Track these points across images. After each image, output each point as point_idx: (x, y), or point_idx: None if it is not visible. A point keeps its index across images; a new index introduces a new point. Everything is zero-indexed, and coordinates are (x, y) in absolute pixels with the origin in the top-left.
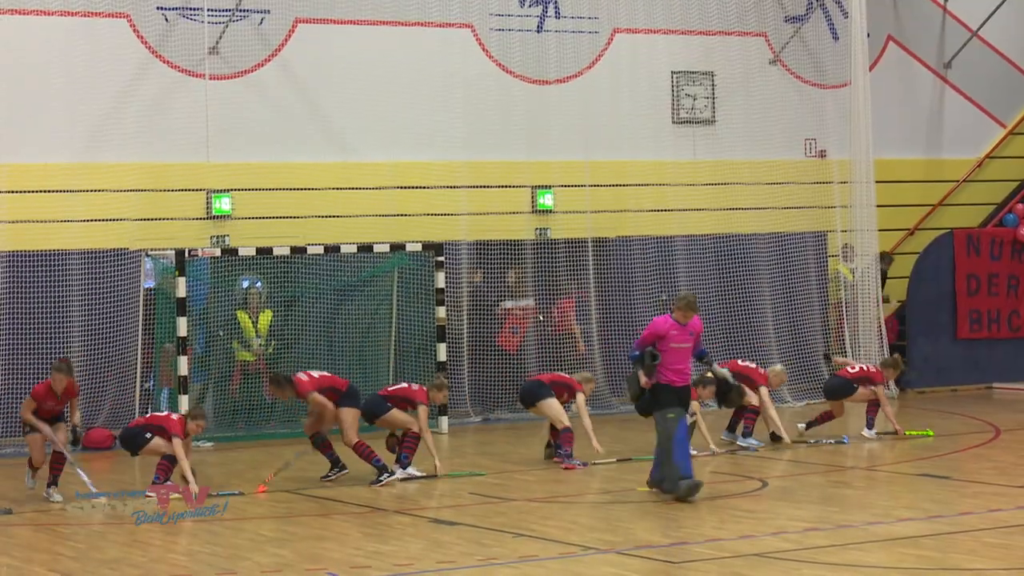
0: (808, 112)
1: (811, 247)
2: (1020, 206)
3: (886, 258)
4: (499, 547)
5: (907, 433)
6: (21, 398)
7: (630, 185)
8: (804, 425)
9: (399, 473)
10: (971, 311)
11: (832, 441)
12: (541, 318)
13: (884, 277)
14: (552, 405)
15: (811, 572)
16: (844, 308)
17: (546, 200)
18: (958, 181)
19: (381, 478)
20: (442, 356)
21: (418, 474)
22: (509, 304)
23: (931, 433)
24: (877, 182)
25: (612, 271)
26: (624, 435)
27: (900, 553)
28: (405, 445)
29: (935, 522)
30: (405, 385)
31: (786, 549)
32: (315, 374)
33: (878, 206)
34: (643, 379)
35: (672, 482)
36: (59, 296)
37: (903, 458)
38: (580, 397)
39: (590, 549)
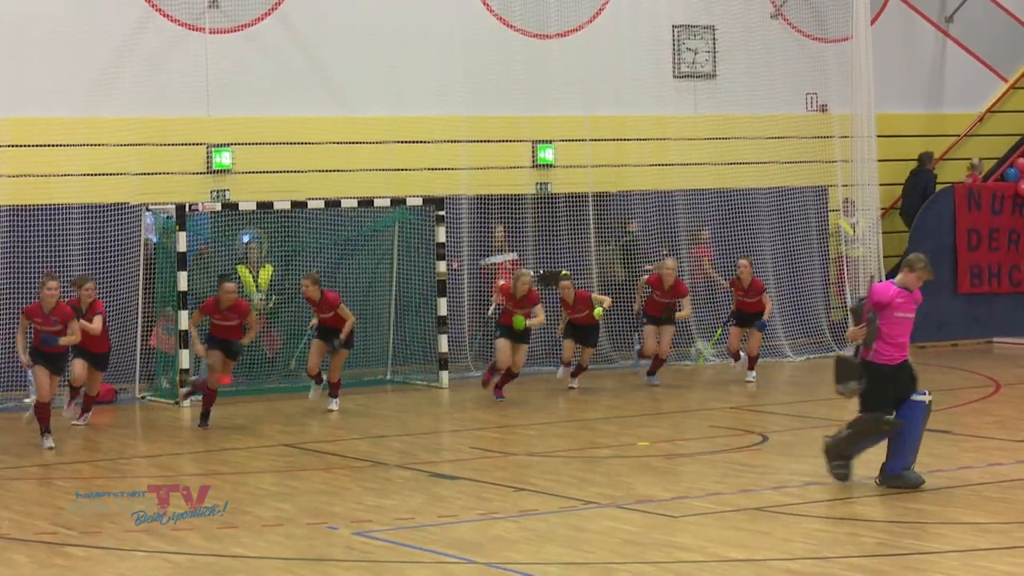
0: (809, 66)
1: (812, 202)
2: (1021, 160)
3: (929, 157)
4: (500, 501)
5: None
6: None
7: (631, 140)
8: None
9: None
10: (972, 266)
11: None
12: (542, 272)
13: (934, 180)
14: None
15: (811, 526)
16: (844, 263)
17: (547, 155)
18: (959, 135)
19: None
20: (443, 310)
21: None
22: (493, 259)
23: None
24: (878, 136)
25: (613, 226)
26: (623, 391)
27: (900, 507)
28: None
29: (935, 476)
30: None
31: (786, 503)
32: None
33: (879, 160)
34: (851, 332)
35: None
36: (60, 250)
37: None
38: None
39: (591, 503)
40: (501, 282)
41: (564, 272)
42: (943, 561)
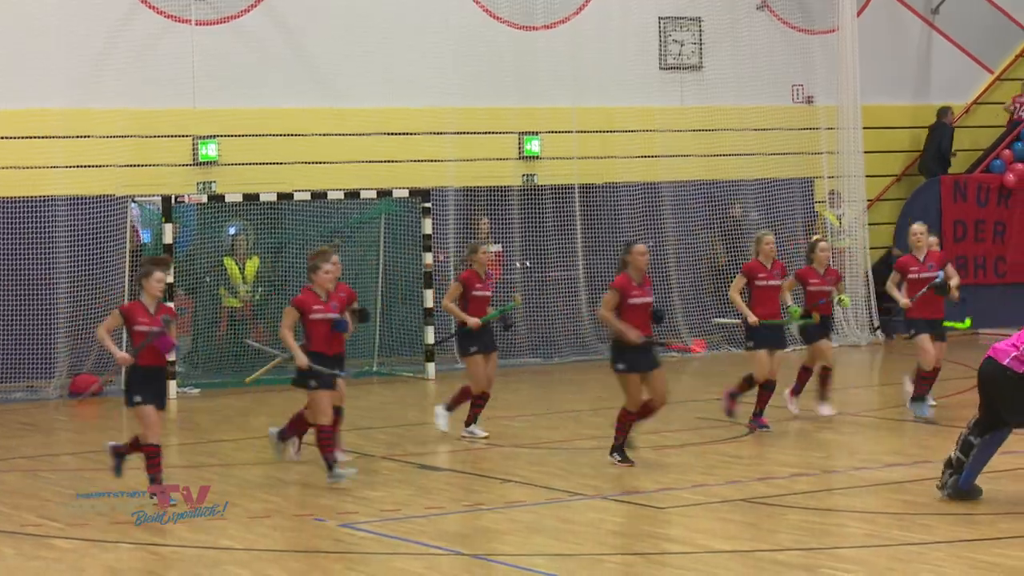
0: (795, 58)
1: (798, 193)
2: (1007, 152)
3: (946, 112)
4: (486, 492)
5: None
6: (10, 344)
7: (617, 131)
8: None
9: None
10: (957, 257)
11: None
12: (528, 264)
13: (951, 135)
14: None
15: (797, 517)
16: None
17: (533, 146)
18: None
19: None
20: (429, 302)
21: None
22: None
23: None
24: (864, 128)
25: (599, 217)
26: (609, 382)
27: (887, 498)
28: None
29: (921, 467)
30: None
31: (772, 494)
32: None
33: (865, 152)
34: None
35: None
36: (46, 242)
37: (889, 404)
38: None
39: (577, 495)
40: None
41: (816, 236)
42: (930, 552)
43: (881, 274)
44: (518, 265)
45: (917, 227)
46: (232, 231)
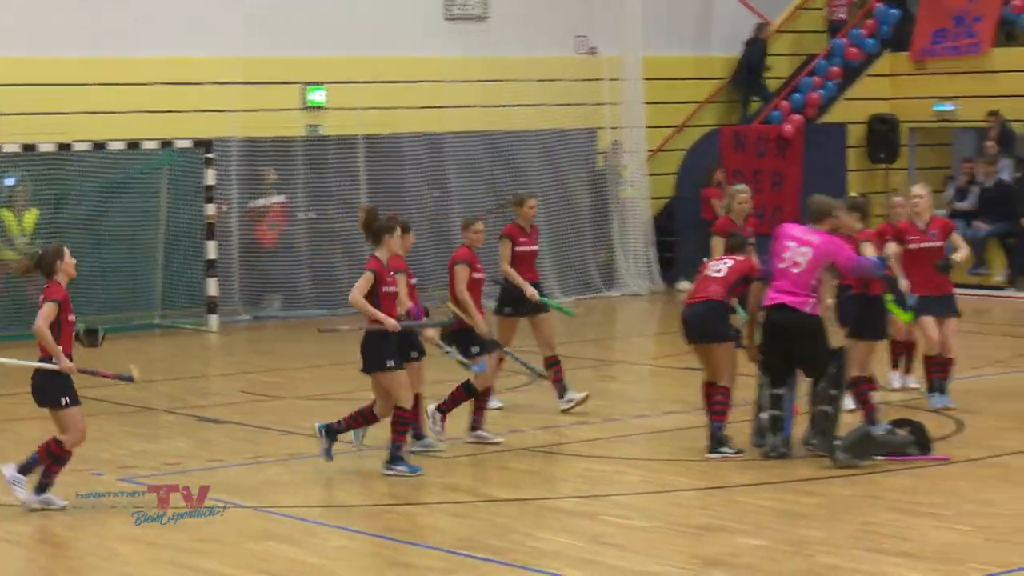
0: (579, 9)
1: (581, 144)
2: (785, 103)
3: (762, 27)
4: (268, 445)
5: None
6: None
7: (402, 82)
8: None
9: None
10: None
11: None
12: (312, 215)
13: (764, 50)
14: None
15: (580, 465)
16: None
17: (317, 96)
18: (725, 78)
19: None
20: (212, 254)
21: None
22: (260, 202)
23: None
24: (646, 79)
25: (383, 168)
26: None
27: (665, 445)
28: None
29: (699, 415)
30: None
31: (554, 443)
32: None
33: (646, 103)
34: None
35: None
36: None
37: (666, 352)
38: None
39: (365, 447)
40: None
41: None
42: (706, 497)
43: (662, 224)
44: (301, 216)
45: (920, 190)
46: (10, 182)
